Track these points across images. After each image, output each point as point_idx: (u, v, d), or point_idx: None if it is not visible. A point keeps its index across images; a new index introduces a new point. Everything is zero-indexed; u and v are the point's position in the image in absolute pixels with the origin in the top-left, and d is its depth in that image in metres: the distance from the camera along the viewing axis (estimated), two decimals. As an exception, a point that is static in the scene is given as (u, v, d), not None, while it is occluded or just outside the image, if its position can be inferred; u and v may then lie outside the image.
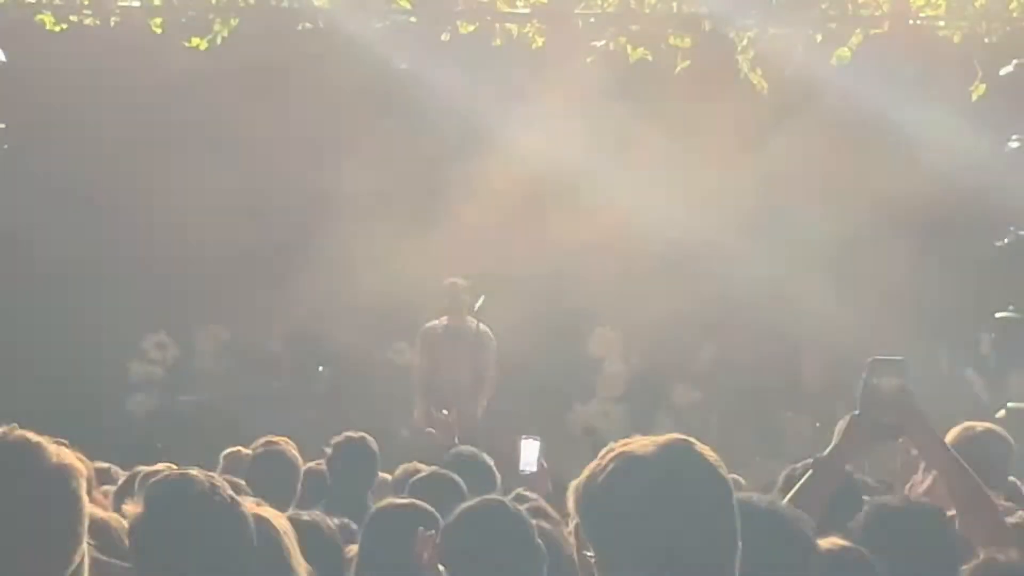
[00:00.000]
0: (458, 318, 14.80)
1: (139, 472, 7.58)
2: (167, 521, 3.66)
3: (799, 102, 15.24)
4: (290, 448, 8.42)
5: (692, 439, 3.11)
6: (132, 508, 3.75)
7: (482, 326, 14.62)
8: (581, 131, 15.74)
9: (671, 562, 2.93)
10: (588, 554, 3.05)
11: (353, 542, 5.74)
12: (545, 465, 8.46)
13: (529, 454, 10.54)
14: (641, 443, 3.07)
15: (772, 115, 15.33)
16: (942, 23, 14.90)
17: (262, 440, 8.58)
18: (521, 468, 9.04)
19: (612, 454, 3.08)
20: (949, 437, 5.97)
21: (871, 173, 16.47)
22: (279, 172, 17.51)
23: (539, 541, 4.78)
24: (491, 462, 8.17)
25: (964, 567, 4.52)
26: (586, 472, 3.09)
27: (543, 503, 6.78)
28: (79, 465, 3.10)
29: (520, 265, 16.35)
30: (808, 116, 15.29)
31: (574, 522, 3.27)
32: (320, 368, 17.35)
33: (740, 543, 3.01)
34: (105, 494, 7.70)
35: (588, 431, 16.54)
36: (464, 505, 4.95)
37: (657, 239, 16.10)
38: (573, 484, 3.10)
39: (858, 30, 14.44)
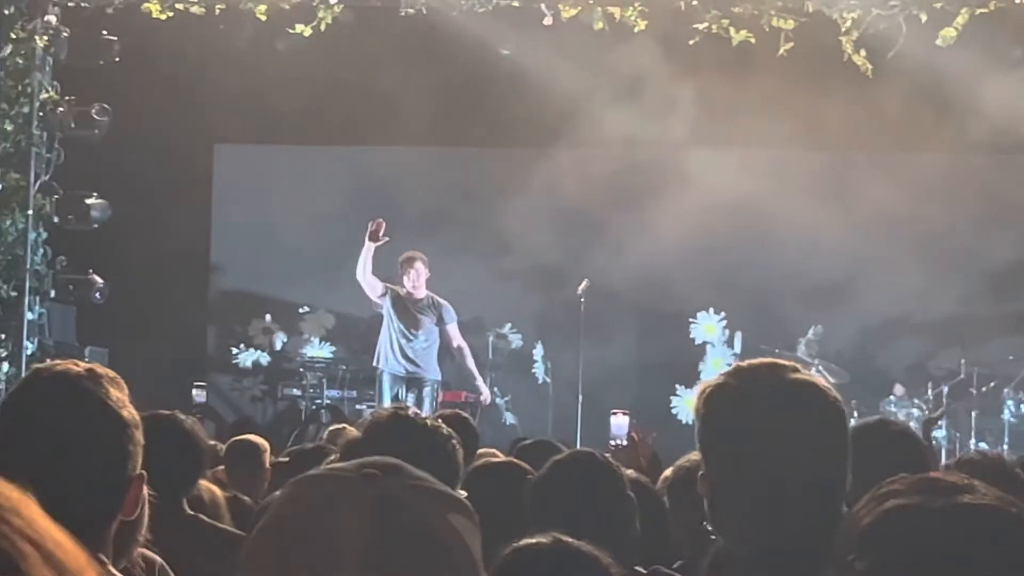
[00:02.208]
0: None
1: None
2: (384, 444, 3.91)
3: (904, 85, 15.09)
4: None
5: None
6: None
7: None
8: (685, 116, 15.72)
9: (783, 478, 2.95)
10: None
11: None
12: (636, 439, 8.42)
13: (619, 428, 10.55)
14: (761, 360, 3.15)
15: (876, 98, 15.19)
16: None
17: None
18: (611, 441, 9.02)
19: (732, 369, 3.16)
20: None
21: (976, 159, 16.33)
22: (384, 161, 17.66)
23: (630, 493, 4.78)
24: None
25: None
26: (711, 381, 3.14)
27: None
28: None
29: (625, 249, 16.37)
30: (912, 99, 15.15)
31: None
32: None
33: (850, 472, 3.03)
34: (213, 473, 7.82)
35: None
36: (554, 458, 4.97)
37: (761, 224, 16.06)
38: (699, 387, 3.16)
39: (964, 9, 14.23)
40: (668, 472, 6.11)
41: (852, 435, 3.12)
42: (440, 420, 6.39)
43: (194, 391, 16.28)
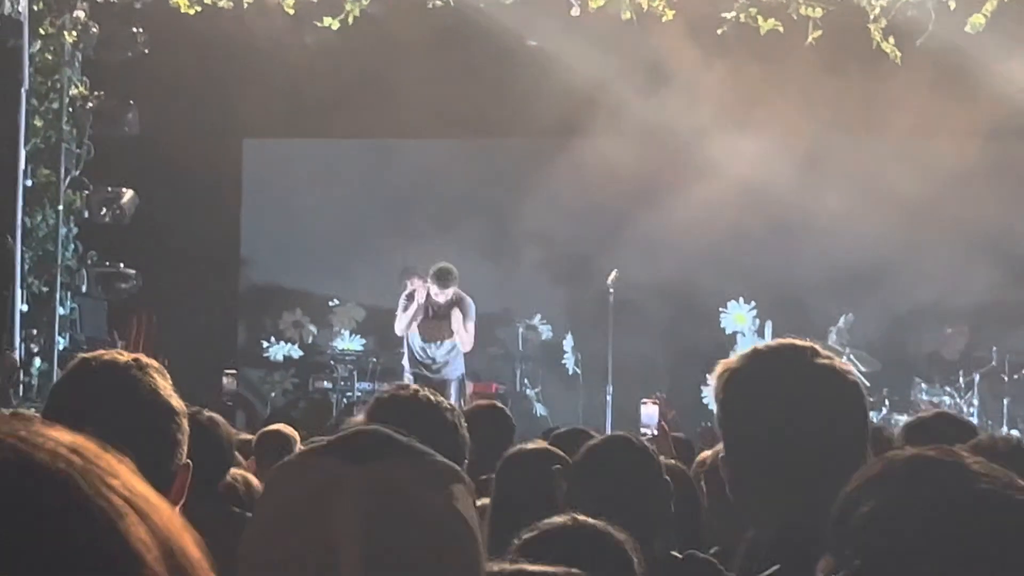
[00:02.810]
0: None
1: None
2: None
3: (932, 71, 15.04)
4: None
5: None
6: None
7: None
8: (714, 105, 15.70)
9: (800, 460, 2.95)
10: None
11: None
12: (667, 428, 8.43)
13: (649, 418, 10.57)
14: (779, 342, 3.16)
15: (905, 84, 15.15)
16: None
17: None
18: (641, 430, 9.02)
19: (749, 351, 3.17)
20: None
21: (1005, 144, 16.29)
22: (412, 153, 17.69)
23: (666, 477, 4.79)
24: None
25: None
26: (729, 364, 3.15)
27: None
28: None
29: (654, 240, 16.37)
30: (940, 85, 15.09)
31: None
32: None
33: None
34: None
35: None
36: (591, 442, 4.98)
37: (791, 212, 16.04)
38: (718, 370, 3.16)
39: (993, -5, 14.18)
40: (706, 456, 6.12)
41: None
42: (476, 411, 6.42)
43: (224, 379, 16.30)
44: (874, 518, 1.98)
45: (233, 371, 16.84)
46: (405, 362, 15.15)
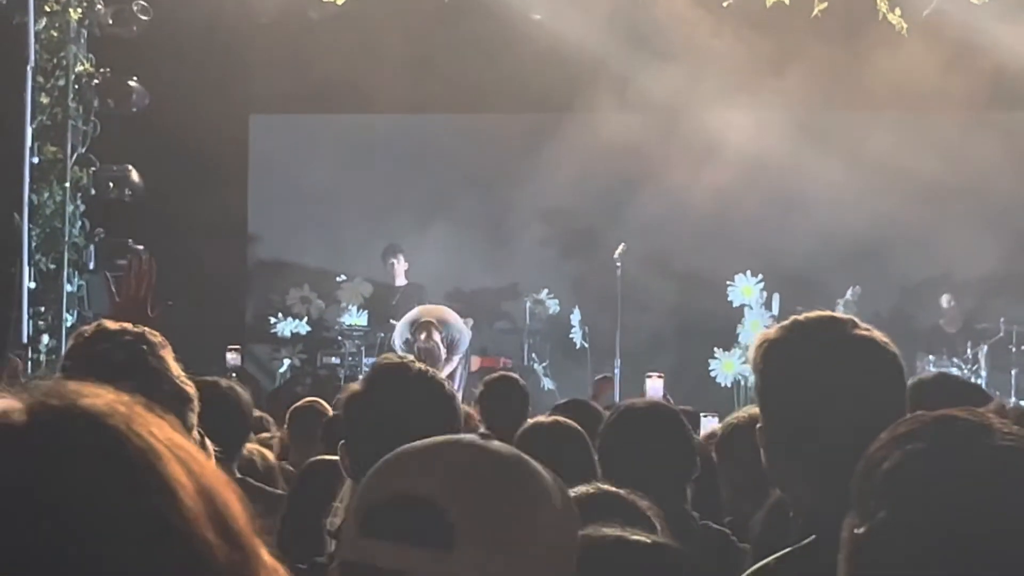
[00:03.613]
0: None
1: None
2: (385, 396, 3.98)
3: (940, 43, 15.01)
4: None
5: None
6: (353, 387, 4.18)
7: None
8: (721, 78, 15.68)
9: (840, 432, 2.95)
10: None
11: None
12: (671, 402, 8.46)
13: (655, 391, 10.59)
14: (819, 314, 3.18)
15: (911, 56, 15.12)
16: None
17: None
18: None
19: (789, 322, 3.18)
20: None
21: (1012, 116, 16.27)
22: (419, 127, 17.68)
23: (695, 437, 4.86)
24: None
25: None
26: (768, 335, 3.16)
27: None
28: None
29: (661, 213, 16.37)
30: (948, 57, 15.07)
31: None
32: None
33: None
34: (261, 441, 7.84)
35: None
36: (622, 404, 5.04)
37: (798, 185, 16.03)
38: (757, 340, 3.18)
39: (1000, -34, 14.16)
40: (716, 428, 6.13)
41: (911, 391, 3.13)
42: (491, 383, 6.43)
43: (228, 355, 16.26)
44: (900, 470, 1.99)
45: (237, 347, 16.81)
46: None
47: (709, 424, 8.07)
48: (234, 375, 15.83)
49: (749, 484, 4.66)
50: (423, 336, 14.19)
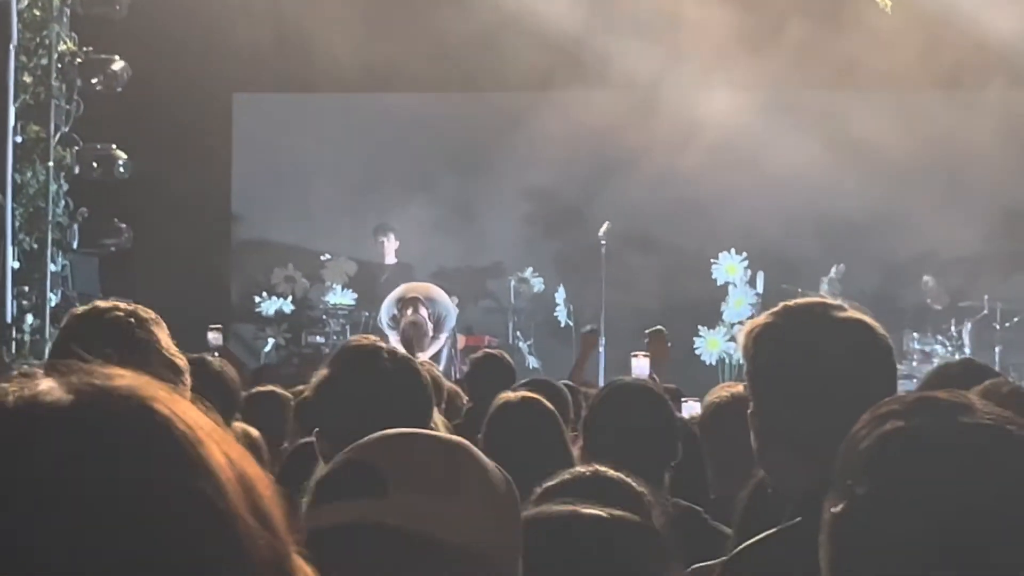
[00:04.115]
0: None
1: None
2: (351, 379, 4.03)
3: (924, 22, 15.02)
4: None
5: None
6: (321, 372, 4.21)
7: None
8: (707, 56, 15.68)
9: (831, 415, 2.96)
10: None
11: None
12: (657, 380, 8.47)
13: (640, 370, 10.58)
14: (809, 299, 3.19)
15: (895, 34, 15.12)
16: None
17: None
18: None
19: (779, 307, 3.20)
20: None
21: (996, 95, 16.27)
22: (402, 107, 17.66)
23: (679, 415, 4.88)
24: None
25: None
26: (759, 321, 3.17)
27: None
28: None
29: (645, 191, 16.38)
30: (931, 36, 15.08)
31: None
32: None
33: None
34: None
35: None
36: (606, 385, 5.07)
37: (783, 163, 16.04)
38: (747, 327, 3.19)
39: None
40: (698, 409, 6.15)
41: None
42: (478, 360, 6.45)
43: (209, 334, 16.17)
44: (877, 448, 2.00)
45: (218, 326, 16.77)
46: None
47: (690, 410, 8.07)
48: (216, 354, 15.82)
49: (734, 462, 4.67)
50: (410, 311, 14.19)
